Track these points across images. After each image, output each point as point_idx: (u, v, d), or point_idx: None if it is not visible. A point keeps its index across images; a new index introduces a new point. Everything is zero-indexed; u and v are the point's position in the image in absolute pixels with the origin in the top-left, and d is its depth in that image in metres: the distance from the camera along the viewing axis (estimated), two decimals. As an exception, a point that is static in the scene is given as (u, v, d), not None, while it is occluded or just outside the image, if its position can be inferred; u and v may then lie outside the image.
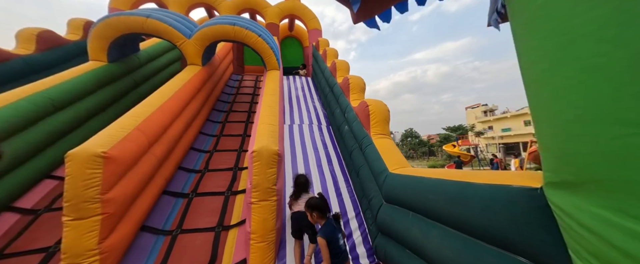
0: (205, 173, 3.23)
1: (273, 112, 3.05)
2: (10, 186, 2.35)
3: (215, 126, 4.40)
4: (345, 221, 2.60)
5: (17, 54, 3.70)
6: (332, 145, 4.20)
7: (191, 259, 2.13)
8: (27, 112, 2.47)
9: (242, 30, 4.09)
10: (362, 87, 3.88)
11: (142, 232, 2.27)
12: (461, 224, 1.17)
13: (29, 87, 2.69)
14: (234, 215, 2.66)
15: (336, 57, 5.70)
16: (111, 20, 3.52)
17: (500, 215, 0.94)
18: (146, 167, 2.36)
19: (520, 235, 0.87)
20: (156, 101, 2.83)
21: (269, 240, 2.11)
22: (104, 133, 2.08)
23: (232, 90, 5.99)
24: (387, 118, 2.89)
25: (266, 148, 2.18)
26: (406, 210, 1.73)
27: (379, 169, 2.29)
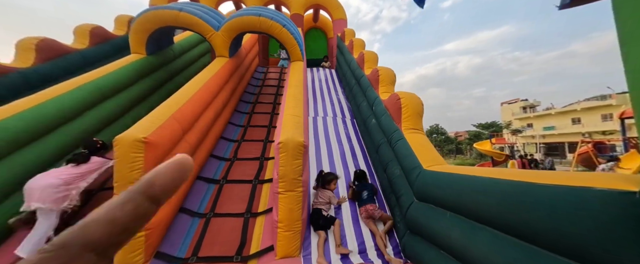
0: (234, 161, 3.36)
1: (298, 104, 3.03)
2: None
3: (242, 116, 4.54)
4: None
5: (75, 48, 4.13)
6: (357, 138, 4.09)
7: (223, 242, 2.24)
8: (81, 100, 2.75)
9: (267, 20, 4.09)
10: (392, 79, 3.68)
11: (180, 213, 2.43)
12: (519, 230, 1.03)
13: (82, 78, 2.98)
14: (261, 202, 2.74)
15: (363, 47, 5.47)
16: (148, 15, 3.74)
17: (578, 221, 0.80)
18: (182, 153, 2.50)
19: (603, 246, 0.73)
20: (188, 91, 2.97)
21: (295, 230, 2.12)
22: (144, 121, 2.23)
23: (258, 82, 6.11)
24: (420, 112, 2.70)
25: (292, 139, 2.17)
26: (443, 209, 1.60)
27: (411, 165, 2.16)
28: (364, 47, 5.60)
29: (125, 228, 0.20)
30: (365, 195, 2.52)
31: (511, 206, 1.06)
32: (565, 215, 0.84)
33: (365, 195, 2.52)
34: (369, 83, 4.09)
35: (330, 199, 2.51)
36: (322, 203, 2.46)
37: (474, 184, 1.34)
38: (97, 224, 0.19)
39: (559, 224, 0.85)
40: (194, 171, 2.85)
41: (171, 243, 2.18)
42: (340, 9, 7.46)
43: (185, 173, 0.27)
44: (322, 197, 2.50)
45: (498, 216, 1.14)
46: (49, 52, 3.69)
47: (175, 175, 0.24)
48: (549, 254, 0.90)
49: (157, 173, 0.24)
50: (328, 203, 2.49)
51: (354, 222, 2.49)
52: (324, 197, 2.49)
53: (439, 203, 1.65)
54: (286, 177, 2.12)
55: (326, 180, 2.60)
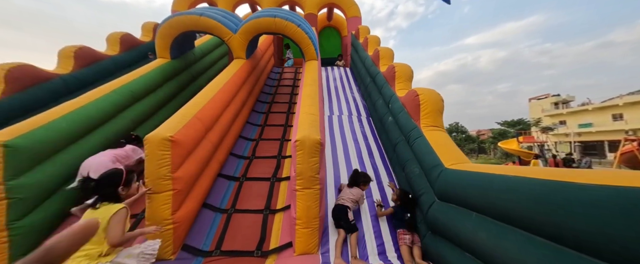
0: (252, 159, 3.46)
1: (313, 102, 3.05)
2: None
3: (259, 116, 4.66)
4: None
5: (108, 55, 4.48)
6: (373, 137, 4.04)
7: (244, 236, 2.32)
8: (116, 102, 2.98)
9: (282, 21, 4.15)
10: (409, 76, 3.58)
11: (203, 208, 2.56)
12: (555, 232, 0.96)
13: (115, 82, 3.23)
14: (279, 200, 2.80)
15: (378, 44, 5.37)
16: (172, 21, 3.96)
17: (628, 225, 0.73)
18: (204, 151, 2.63)
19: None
20: (210, 92, 3.10)
21: (313, 227, 2.15)
22: (171, 120, 2.37)
23: (273, 82, 6.23)
24: (440, 108, 2.60)
25: (308, 137, 2.19)
26: (468, 210, 1.53)
27: (431, 164, 2.09)
28: (379, 43, 5.50)
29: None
30: (408, 217, 2.28)
31: (547, 207, 0.99)
32: (611, 217, 0.77)
33: (408, 217, 2.28)
34: (384, 81, 4.02)
35: (359, 199, 2.44)
36: (350, 200, 2.38)
37: (503, 183, 1.26)
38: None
39: (604, 227, 0.78)
40: (216, 169, 2.98)
41: (196, 237, 2.29)
42: (355, 7, 7.38)
43: (89, 237, 0.30)
44: (352, 194, 2.41)
45: (531, 217, 1.07)
46: (85, 59, 4.04)
47: (78, 240, 0.25)
48: (591, 260, 0.83)
49: (59, 240, 0.26)
50: (356, 202, 2.42)
51: (373, 221, 2.46)
52: (355, 195, 2.41)
53: (464, 203, 1.58)
54: (303, 175, 2.14)
55: (361, 181, 2.52)
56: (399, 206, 2.43)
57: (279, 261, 2.12)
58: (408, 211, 2.33)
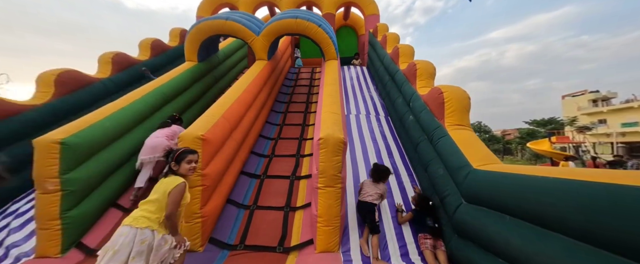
0: (272, 158, 3.55)
1: (335, 101, 3.05)
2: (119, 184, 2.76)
3: (278, 116, 4.76)
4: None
5: (140, 60, 4.82)
6: (392, 136, 3.96)
7: (266, 232, 2.39)
8: (150, 104, 3.22)
9: (303, 22, 4.21)
10: (431, 73, 3.47)
11: (227, 204, 2.67)
12: (604, 239, 0.89)
13: (149, 85, 3.47)
14: (299, 197, 2.84)
15: (397, 42, 5.25)
16: (200, 26, 4.18)
17: None
18: (229, 149, 2.75)
19: None
20: (234, 93, 3.23)
21: (335, 225, 2.15)
22: (201, 120, 2.50)
23: (291, 83, 6.33)
24: (466, 106, 2.49)
25: (332, 136, 2.20)
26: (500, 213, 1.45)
27: (457, 164, 2.01)
28: (398, 41, 5.37)
29: None
30: (431, 222, 2.22)
31: (592, 212, 0.91)
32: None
33: (431, 222, 2.22)
34: (404, 78, 3.92)
35: (384, 193, 2.41)
36: (377, 195, 2.35)
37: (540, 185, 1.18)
38: None
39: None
40: (239, 167, 3.09)
41: (222, 231, 2.40)
42: (373, 5, 7.27)
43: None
44: (379, 189, 2.38)
45: (575, 222, 0.99)
46: (121, 64, 4.38)
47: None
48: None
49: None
50: (382, 196, 2.39)
51: (394, 222, 2.41)
52: (381, 190, 2.39)
53: (496, 206, 1.50)
54: (326, 173, 2.16)
55: (382, 175, 2.48)
56: (418, 211, 2.37)
57: (301, 258, 2.16)
58: (428, 217, 2.26)
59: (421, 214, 2.32)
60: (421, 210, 2.35)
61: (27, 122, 2.87)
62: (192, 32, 4.24)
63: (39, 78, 3.28)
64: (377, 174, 2.48)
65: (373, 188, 2.39)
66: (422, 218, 2.28)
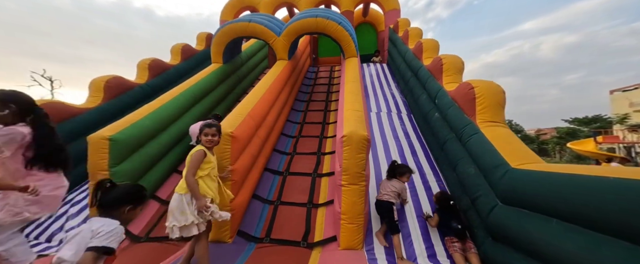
0: (294, 155, 3.63)
1: (357, 99, 3.04)
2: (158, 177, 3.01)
3: (298, 114, 4.84)
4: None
5: (172, 65, 5.19)
6: (416, 134, 3.83)
7: (290, 227, 2.46)
8: (182, 104, 3.47)
9: (323, 20, 4.23)
10: (459, 67, 3.29)
11: (253, 199, 2.79)
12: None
13: (180, 87, 3.73)
14: (321, 194, 2.88)
15: (420, 37, 5.06)
16: (225, 29, 4.39)
17: None
18: (254, 146, 2.86)
19: None
20: (258, 92, 3.35)
21: (358, 223, 2.15)
22: (229, 119, 2.63)
23: (310, 81, 6.40)
24: (500, 101, 2.33)
25: (356, 133, 2.20)
26: (545, 216, 1.34)
27: (492, 163, 1.89)
28: (420, 36, 5.17)
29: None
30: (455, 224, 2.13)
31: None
32: None
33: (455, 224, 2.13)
34: (429, 74, 3.77)
35: (402, 191, 2.34)
36: (393, 193, 2.30)
37: (595, 187, 1.07)
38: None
39: None
40: (263, 163, 3.21)
41: (249, 224, 2.52)
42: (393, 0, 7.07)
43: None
44: (394, 186, 2.32)
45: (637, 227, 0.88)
46: (156, 69, 4.75)
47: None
48: None
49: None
50: (399, 194, 2.33)
51: (420, 222, 2.35)
52: (397, 187, 2.32)
53: (539, 208, 1.39)
54: (349, 170, 2.16)
55: (398, 172, 2.42)
56: (441, 211, 2.27)
57: (324, 254, 2.19)
58: (451, 218, 2.16)
59: (444, 215, 2.22)
60: (443, 210, 2.26)
61: (83, 123, 3.25)
62: (218, 36, 4.47)
63: (91, 84, 3.68)
64: (390, 171, 2.45)
65: (388, 186, 2.35)
66: (447, 220, 2.18)
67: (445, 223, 2.18)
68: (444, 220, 2.19)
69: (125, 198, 1.19)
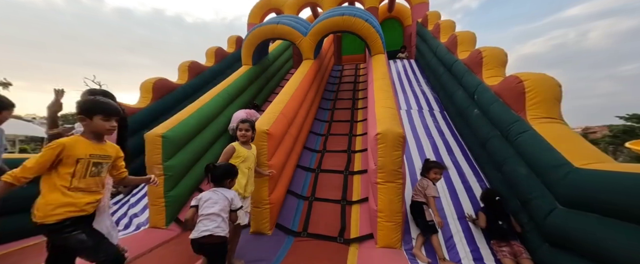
0: (324, 153, 3.68)
1: (388, 96, 2.98)
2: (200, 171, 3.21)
3: (325, 112, 4.89)
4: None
5: (207, 66, 5.55)
6: (451, 132, 3.65)
7: (326, 223, 2.51)
8: (219, 103, 3.71)
9: (350, 18, 4.21)
10: (501, 60, 3.07)
11: (288, 195, 2.89)
12: None
13: (217, 88, 3.98)
14: (354, 192, 2.88)
15: (453, 30, 4.78)
16: (255, 32, 4.58)
17: None
18: (287, 144, 2.96)
19: None
20: (288, 91, 3.45)
21: (396, 221, 2.12)
22: (263, 116, 2.75)
23: (335, 80, 6.41)
24: (556, 95, 2.13)
25: (391, 130, 2.16)
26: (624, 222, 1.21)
27: (550, 163, 1.73)
28: (453, 29, 4.88)
29: None
30: (505, 225, 2.02)
31: None
32: None
33: (505, 225, 2.02)
34: (465, 69, 3.55)
35: (425, 189, 2.25)
36: (419, 194, 2.28)
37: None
38: None
39: None
40: (295, 160, 3.31)
41: (286, 218, 2.62)
42: (421, -8, 6.77)
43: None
44: (420, 186, 2.30)
45: None
46: (195, 70, 5.12)
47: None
48: None
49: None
50: (424, 195, 2.25)
51: (462, 225, 2.24)
52: (422, 186, 2.28)
53: (613, 213, 1.25)
54: (385, 168, 2.14)
55: (424, 168, 2.37)
56: (486, 210, 2.16)
57: (362, 250, 2.19)
58: (497, 217, 2.03)
59: (490, 214, 2.11)
60: (489, 208, 2.14)
61: (138, 121, 3.64)
62: (248, 39, 4.68)
63: (142, 86, 4.09)
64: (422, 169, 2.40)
65: (417, 186, 2.31)
66: (493, 220, 2.07)
67: (491, 224, 2.06)
68: (490, 220, 2.08)
69: (227, 174, 1.69)
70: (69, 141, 1.24)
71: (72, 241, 1.21)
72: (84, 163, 1.26)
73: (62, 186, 1.21)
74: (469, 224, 2.24)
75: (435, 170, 2.33)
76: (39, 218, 1.18)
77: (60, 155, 1.20)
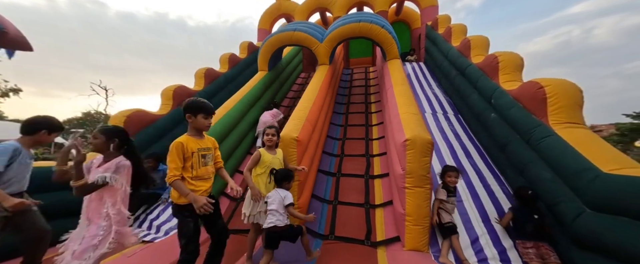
0: (343, 157, 3.76)
1: (410, 101, 3.06)
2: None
3: (340, 117, 4.98)
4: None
5: (221, 72, 5.68)
6: (467, 135, 3.72)
7: (352, 226, 2.59)
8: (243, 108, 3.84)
9: (366, 24, 4.31)
10: (517, 65, 3.14)
11: (312, 199, 2.98)
12: None
13: (238, 94, 4.10)
14: (376, 195, 2.96)
15: (465, 34, 4.86)
16: (272, 39, 4.70)
17: None
18: (312, 149, 3.05)
19: None
20: (310, 97, 3.55)
21: (424, 225, 2.20)
22: (290, 123, 2.85)
23: (346, 83, 6.50)
24: (578, 101, 2.20)
25: (419, 137, 2.25)
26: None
27: (575, 167, 1.81)
28: (465, 32, 4.96)
29: None
30: (530, 227, 2.05)
31: None
32: None
33: (530, 227, 2.05)
34: (480, 73, 3.63)
35: (436, 192, 2.34)
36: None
37: None
38: None
39: None
40: (316, 165, 3.40)
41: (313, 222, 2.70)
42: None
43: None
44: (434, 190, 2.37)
45: None
46: (210, 77, 5.24)
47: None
48: None
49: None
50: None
51: (487, 226, 2.31)
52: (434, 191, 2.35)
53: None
54: (414, 173, 2.22)
55: (441, 172, 2.46)
56: (519, 208, 2.18)
57: (390, 253, 2.27)
58: (531, 211, 2.07)
59: (525, 211, 2.13)
60: (522, 204, 2.16)
61: (160, 127, 3.75)
62: (265, 46, 4.80)
63: (163, 93, 4.22)
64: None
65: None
66: (522, 220, 2.11)
67: (521, 223, 2.10)
68: (520, 218, 2.11)
69: (284, 178, 2.06)
70: (185, 139, 1.55)
71: (183, 224, 1.59)
72: (197, 156, 1.57)
73: (187, 177, 1.54)
74: (493, 226, 2.31)
75: (450, 173, 2.41)
76: (173, 198, 1.58)
77: (184, 152, 1.52)
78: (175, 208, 1.61)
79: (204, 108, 1.64)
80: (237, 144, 3.64)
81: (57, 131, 1.95)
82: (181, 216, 1.59)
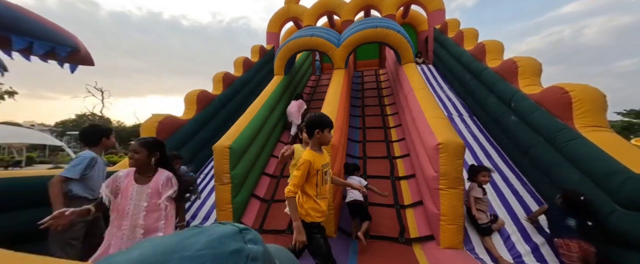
0: (366, 159, 3.87)
1: (434, 106, 3.19)
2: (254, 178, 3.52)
3: (356, 119, 5.09)
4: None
5: (236, 76, 5.76)
6: (485, 137, 3.86)
7: (385, 225, 2.70)
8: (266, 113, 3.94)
9: (383, 30, 4.43)
10: (537, 70, 3.28)
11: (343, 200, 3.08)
12: None
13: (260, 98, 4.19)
14: (405, 196, 3.08)
15: (477, 38, 5.01)
16: (290, 44, 4.80)
17: None
18: (340, 152, 3.16)
19: None
20: (334, 101, 3.65)
21: (459, 224, 2.32)
22: (321, 128, 2.96)
23: (357, 86, 6.62)
24: (602, 106, 2.34)
25: (452, 141, 2.37)
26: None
27: (606, 169, 1.93)
28: (477, 37, 5.12)
29: None
30: (573, 223, 1.93)
31: None
32: None
33: (573, 223, 1.93)
34: (498, 77, 3.77)
35: (469, 191, 2.45)
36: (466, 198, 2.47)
37: None
38: None
39: None
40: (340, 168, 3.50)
41: (346, 222, 2.81)
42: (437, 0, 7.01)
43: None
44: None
45: None
46: (227, 81, 5.32)
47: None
48: None
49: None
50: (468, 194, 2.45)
51: (517, 225, 2.44)
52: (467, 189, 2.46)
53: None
54: (448, 175, 2.34)
55: (472, 172, 2.54)
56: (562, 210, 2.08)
57: (426, 251, 2.39)
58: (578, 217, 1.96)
59: (562, 213, 2.03)
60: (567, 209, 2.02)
61: (187, 131, 3.83)
62: (282, 50, 4.90)
63: (186, 98, 4.29)
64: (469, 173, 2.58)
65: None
66: (562, 218, 2.01)
67: (559, 223, 2.06)
68: (559, 217, 2.07)
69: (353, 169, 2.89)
70: (311, 157, 1.48)
71: (315, 243, 1.48)
72: (321, 173, 1.52)
73: (312, 195, 1.50)
74: (523, 224, 2.44)
75: (483, 172, 2.52)
76: (301, 216, 1.50)
77: (310, 169, 1.46)
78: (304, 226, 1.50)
79: (331, 123, 1.62)
80: (262, 148, 3.73)
81: (111, 134, 2.07)
82: (310, 235, 1.50)
